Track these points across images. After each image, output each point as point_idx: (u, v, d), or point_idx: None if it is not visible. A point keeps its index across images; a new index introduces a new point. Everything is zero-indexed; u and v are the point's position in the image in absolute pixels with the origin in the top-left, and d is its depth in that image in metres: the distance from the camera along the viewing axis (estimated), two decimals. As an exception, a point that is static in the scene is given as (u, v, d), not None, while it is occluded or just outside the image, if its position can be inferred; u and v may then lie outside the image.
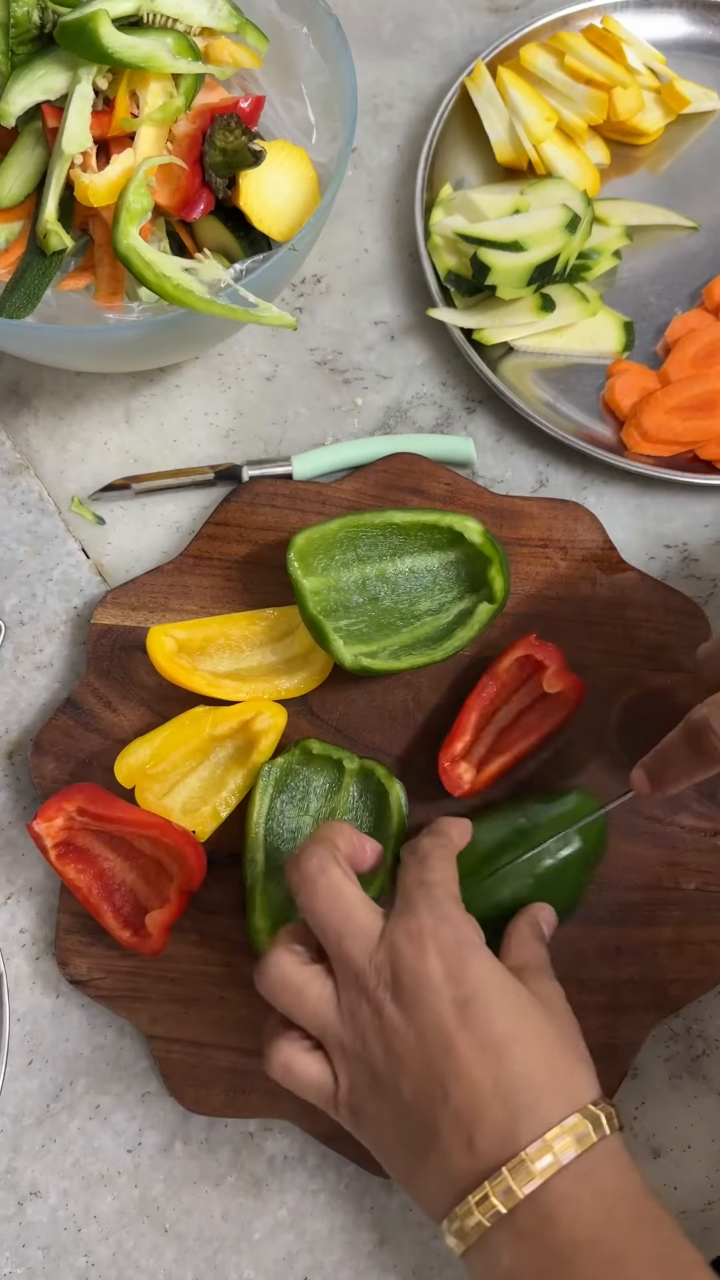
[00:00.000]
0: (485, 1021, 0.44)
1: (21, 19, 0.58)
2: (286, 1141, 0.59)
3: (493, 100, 0.75)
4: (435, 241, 0.72)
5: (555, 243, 0.68)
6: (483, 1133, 0.42)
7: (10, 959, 0.61)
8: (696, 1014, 0.61)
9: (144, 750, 0.59)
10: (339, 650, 0.58)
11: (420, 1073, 0.44)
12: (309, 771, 0.61)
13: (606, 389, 0.70)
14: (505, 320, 0.70)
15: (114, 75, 0.59)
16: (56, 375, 0.71)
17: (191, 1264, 0.57)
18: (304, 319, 0.73)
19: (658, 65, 0.77)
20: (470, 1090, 0.43)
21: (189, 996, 0.59)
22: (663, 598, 0.65)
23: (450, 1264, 0.57)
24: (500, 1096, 0.43)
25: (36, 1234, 0.58)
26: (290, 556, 0.60)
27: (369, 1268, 0.57)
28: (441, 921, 0.46)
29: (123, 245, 0.56)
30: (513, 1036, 0.44)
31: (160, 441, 0.71)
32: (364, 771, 0.60)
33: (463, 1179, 0.43)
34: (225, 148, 0.60)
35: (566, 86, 0.76)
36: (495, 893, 0.55)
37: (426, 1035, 0.44)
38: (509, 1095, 0.43)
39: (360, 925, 0.47)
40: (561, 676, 0.59)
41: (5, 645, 0.66)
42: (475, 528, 0.61)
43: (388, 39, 0.81)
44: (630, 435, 0.68)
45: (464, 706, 0.60)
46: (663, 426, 0.67)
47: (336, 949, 0.47)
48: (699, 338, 0.70)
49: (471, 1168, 0.42)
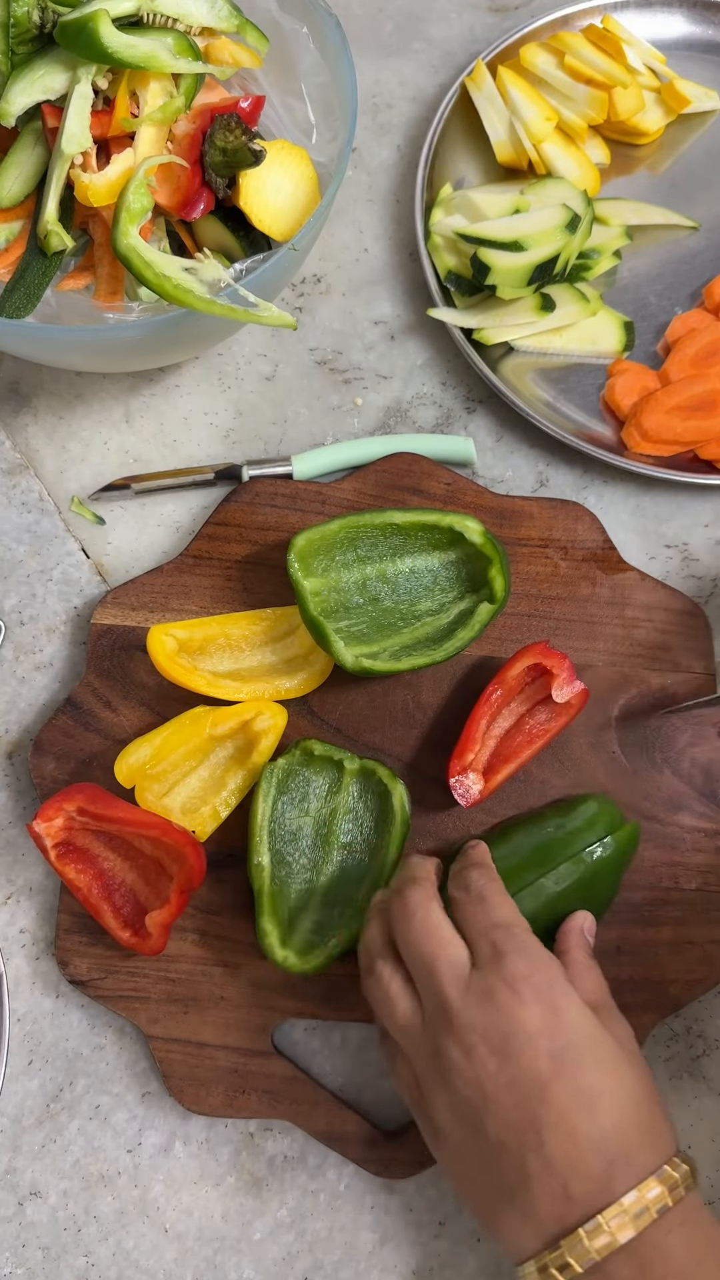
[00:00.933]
0: (579, 1073, 0.45)
1: (21, 19, 0.58)
2: (286, 1141, 0.59)
3: (493, 100, 0.75)
4: (435, 241, 0.72)
5: (555, 242, 0.68)
6: (579, 1182, 0.43)
7: (10, 959, 0.61)
8: (696, 1014, 0.61)
9: (144, 750, 0.59)
10: (340, 651, 0.58)
11: (511, 1118, 0.45)
12: (309, 772, 0.61)
13: (607, 389, 0.70)
14: (505, 320, 0.70)
15: (114, 75, 0.59)
16: (56, 375, 0.71)
17: (191, 1264, 0.57)
18: (304, 319, 0.73)
19: (658, 65, 0.77)
20: (567, 1140, 0.44)
21: (189, 996, 0.59)
22: (663, 598, 0.65)
23: (450, 1264, 0.57)
24: (596, 1147, 0.44)
25: (36, 1234, 0.58)
26: (290, 558, 0.60)
27: (369, 1268, 0.57)
28: (534, 968, 0.47)
29: (123, 245, 0.56)
30: (605, 1088, 0.45)
31: (160, 441, 0.71)
32: (365, 772, 0.60)
33: (554, 1225, 0.44)
34: (225, 148, 0.60)
35: (567, 86, 0.76)
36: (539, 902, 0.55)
37: (519, 1083, 0.45)
38: (604, 1146, 0.44)
39: (450, 962, 0.48)
40: (570, 684, 0.59)
41: (5, 645, 0.66)
42: (475, 527, 0.61)
43: (388, 39, 0.81)
44: (630, 435, 0.68)
45: (472, 716, 0.60)
46: (663, 426, 0.67)
47: (427, 982, 0.48)
48: (699, 338, 0.70)
49: (564, 1214, 0.43)
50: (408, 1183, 0.58)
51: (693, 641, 0.64)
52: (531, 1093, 0.45)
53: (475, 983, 0.47)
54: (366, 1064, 0.60)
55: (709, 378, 0.68)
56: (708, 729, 0.63)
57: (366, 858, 0.59)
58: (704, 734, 0.63)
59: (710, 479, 0.67)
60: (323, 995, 0.59)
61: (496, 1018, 0.46)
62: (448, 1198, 0.58)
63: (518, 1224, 0.45)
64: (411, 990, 0.49)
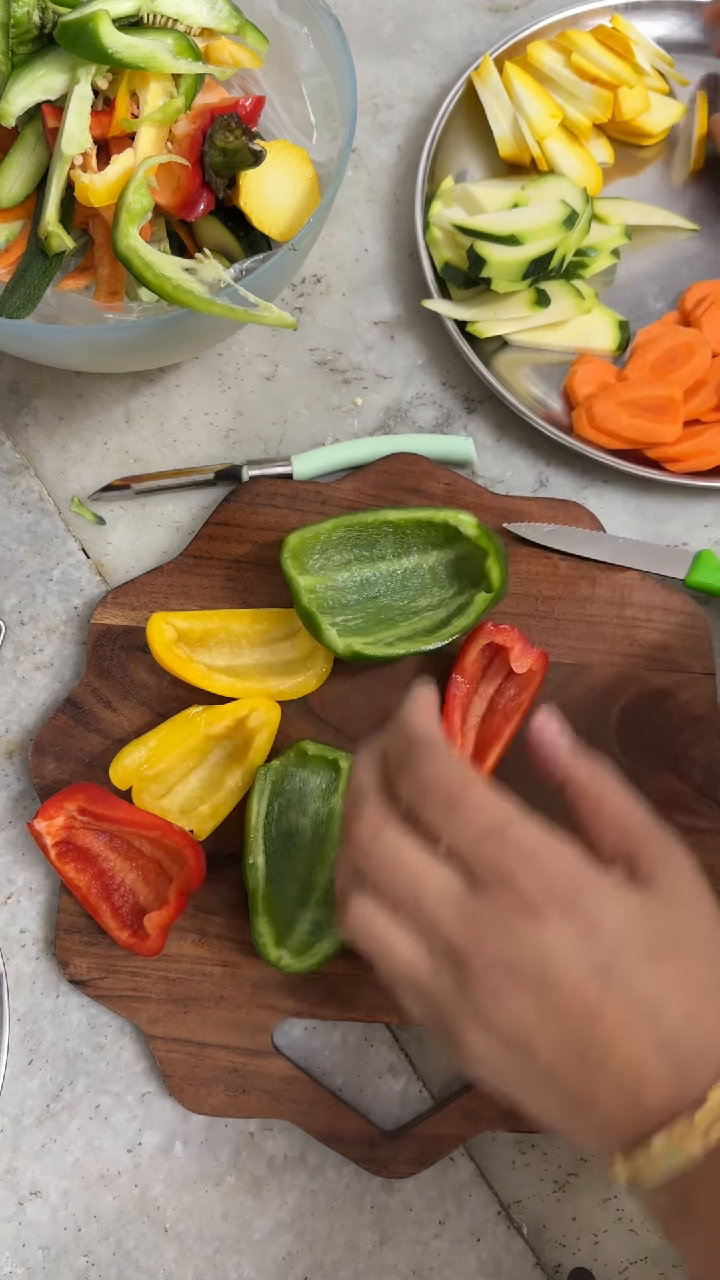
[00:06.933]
0: (632, 983, 0.38)
1: (21, 19, 0.58)
2: (286, 1141, 0.59)
3: (498, 95, 0.75)
4: (434, 234, 0.72)
5: (552, 238, 0.68)
6: (650, 1093, 0.38)
7: (10, 959, 0.61)
8: (696, 1014, 0.61)
9: (139, 752, 0.59)
10: (331, 638, 0.58)
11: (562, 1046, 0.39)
12: (305, 773, 0.61)
13: (568, 375, 0.71)
14: (499, 314, 0.70)
15: (114, 75, 0.59)
16: (56, 375, 0.71)
17: (191, 1264, 0.57)
18: (304, 319, 0.73)
19: (665, 67, 0.77)
20: (630, 1059, 0.38)
21: (189, 996, 0.59)
22: (663, 598, 0.65)
23: (450, 1264, 0.57)
24: (663, 1053, 0.38)
25: (36, 1234, 0.58)
26: (284, 555, 0.60)
27: (369, 1268, 0.57)
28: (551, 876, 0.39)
29: (123, 245, 0.56)
30: (665, 989, 0.39)
31: (160, 441, 0.71)
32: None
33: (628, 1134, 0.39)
34: (225, 148, 0.60)
35: (573, 84, 0.75)
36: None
37: (567, 1012, 0.38)
38: (673, 1049, 0.38)
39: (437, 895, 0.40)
40: (526, 653, 0.61)
41: (5, 645, 0.66)
42: (469, 521, 0.62)
43: (388, 39, 0.81)
44: (579, 419, 0.68)
45: (444, 713, 0.61)
46: (610, 416, 0.67)
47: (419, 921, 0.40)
48: (660, 344, 0.70)
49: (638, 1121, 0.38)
50: (408, 1183, 0.58)
51: (693, 641, 0.64)
52: (583, 1020, 0.38)
53: (484, 912, 0.39)
54: (366, 1064, 0.60)
55: (668, 384, 0.68)
56: (708, 729, 0.63)
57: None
58: (704, 734, 0.63)
59: (710, 480, 0.67)
60: (322, 995, 0.59)
61: (522, 949, 0.38)
62: (448, 1198, 0.58)
63: (594, 1135, 0.40)
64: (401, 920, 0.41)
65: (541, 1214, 0.58)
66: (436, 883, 0.40)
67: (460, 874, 0.40)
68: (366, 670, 0.63)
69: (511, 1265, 0.57)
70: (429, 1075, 0.60)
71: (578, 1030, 0.38)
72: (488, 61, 0.75)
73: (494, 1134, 0.59)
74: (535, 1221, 0.58)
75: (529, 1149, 0.59)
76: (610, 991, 0.38)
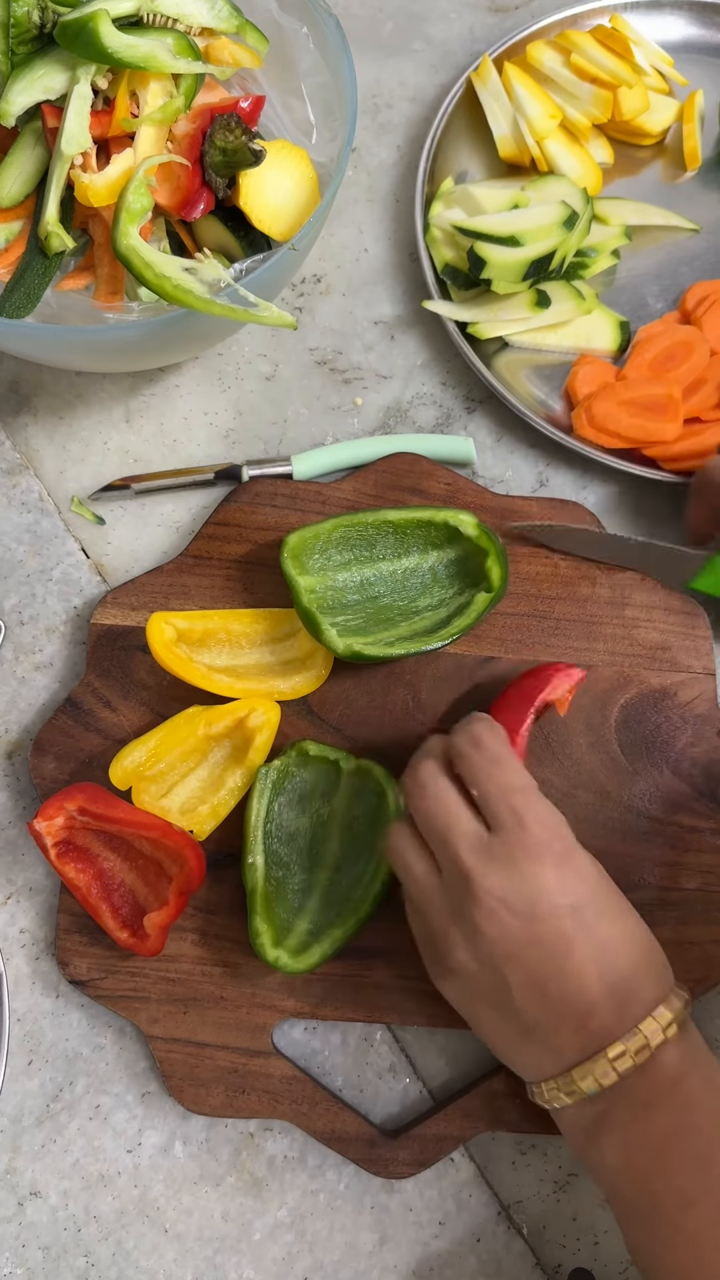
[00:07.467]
0: (597, 926, 0.49)
1: (21, 19, 0.58)
2: (286, 1141, 0.59)
3: (497, 95, 0.75)
4: (434, 235, 0.72)
5: (552, 239, 0.68)
6: (598, 1019, 0.48)
7: (10, 959, 0.61)
8: (697, 1014, 0.61)
9: (139, 753, 0.59)
10: (331, 638, 0.58)
11: (535, 971, 0.49)
12: (306, 773, 0.61)
13: (569, 376, 0.71)
14: (500, 315, 0.70)
15: (114, 75, 0.59)
16: (56, 375, 0.71)
17: (191, 1264, 0.57)
18: (304, 319, 0.73)
19: (665, 67, 0.77)
20: (588, 986, 0.48)
21: (189, 996, 0.59)
22: (663, 598, 0.65)
23: (450, 1264, 0.57)
24: (612, 989, 0.49)
25: (36, 1234, 0.58)
26: (284, 555, 0.60)
27: (369, 1268, 0.57)
28: (555, 834, 0.50)
29: (123, 245, 0.56)
30: (619, 936, 0.50)
31: (160, 441, 0.71)
32: (361, 771, 0.60)
33: (573, 1054, 0.49)
34: (225, 147, 0.60)
35: (572, 84, 0.75)
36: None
37: (545, 940, 0.49)
38: (617, 989, 0.49)
39: (464, 831, 0.50)
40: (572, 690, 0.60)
41: (5, 645, 0.66)
42: (469, 520, 0.62)
43: (388, 39, 0.81)
44: (579, 418, 0.68)
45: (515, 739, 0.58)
46: (609, 416, 0.67)
47: (443, 849, 0.51)
48: (658, 342, 0.70)
49: (584, 1044, 0.49)
50: (408, 1183, 0.58)
51: (693, 641, 0.64)
52: (557, 949, 0.48)
53: (496, 849, 0.49)
54: (366, 1064, 0.60)
55: (666, 382, 0.68)
56: (707, 729, 0.63)
57: (364, 858, 0.59)
58: (704, 734, 0.63)
59: (710, 479, 0.67)
60: (322, 995, 0.59)
61: (520, 883, 0.49)
62: (448, 1198, 0.58)
63: (536, 1054, 0.50)
64: (427, 853, 0.52)
65: (541, 1214, 0.58)
66: (463, 823, 0.51)
67: (483, 824, 0.51)
68: (367, 670, 0.63)
69: (511, 1266, 0.57)
70: (429, 1075, 0.60)
71: (552, 959, 0.49)
72: (487, 62, 0.75)
73: (494, 1134, 0.59)
74: (535, 1222, 0.58)
75: (529, 1149, 0.59)
76: (581, 930, 0.49)
